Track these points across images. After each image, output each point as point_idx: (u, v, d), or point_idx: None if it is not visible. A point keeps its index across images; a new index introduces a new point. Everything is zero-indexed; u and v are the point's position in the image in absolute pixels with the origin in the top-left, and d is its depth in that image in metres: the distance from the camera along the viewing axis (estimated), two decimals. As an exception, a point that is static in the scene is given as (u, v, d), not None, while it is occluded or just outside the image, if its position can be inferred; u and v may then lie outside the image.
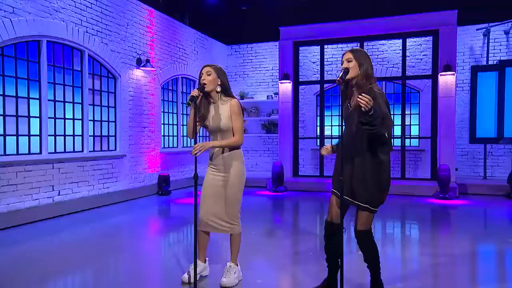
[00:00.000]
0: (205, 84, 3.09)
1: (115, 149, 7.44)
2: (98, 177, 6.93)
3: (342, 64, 2.77)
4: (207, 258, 3.51)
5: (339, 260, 2.74)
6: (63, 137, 6.39)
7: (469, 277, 3.77)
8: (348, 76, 2.72)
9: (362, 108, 2.38)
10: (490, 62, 9.34)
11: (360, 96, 2.38)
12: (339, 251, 2.73)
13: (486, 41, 9.46)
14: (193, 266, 3.13)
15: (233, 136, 3.16)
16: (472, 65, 9.35)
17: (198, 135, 3.45)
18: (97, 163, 6.91)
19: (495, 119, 8.73)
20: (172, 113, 9.31)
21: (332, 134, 10.62)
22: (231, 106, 3.13)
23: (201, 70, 3.16)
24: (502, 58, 9.32)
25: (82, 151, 6.71)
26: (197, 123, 3.21)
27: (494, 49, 9.53)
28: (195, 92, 3.00)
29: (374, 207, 2.73)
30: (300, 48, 9.92)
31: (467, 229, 5.61)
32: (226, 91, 3.19)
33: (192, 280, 3.18)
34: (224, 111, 3.14)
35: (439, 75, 8.60)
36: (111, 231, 5.54)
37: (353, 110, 2.74)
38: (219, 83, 3.15)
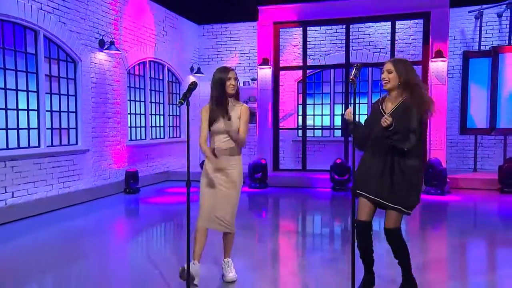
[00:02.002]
0: (232, 88, 3.44)
1: (77, 143, 7.12)
2: (57, 175, 6.62)
3: (352, 77, 2.89)
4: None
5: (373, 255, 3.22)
6: (16, 130, 6.04)
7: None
8: (387, 87, 3.08)
9: (384, 125, 2.90)
10: (482, 48, 9.45)
11: (384, 119, 2.89)
12: (371, 247, 3.20)
13: (478, 24, 9.56)
14: (193, 264, 3.37)
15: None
16: (464, 50, 9.44)
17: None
18: (56, 160, 6.59)
19: (487, 109, 8.87)
20: (140, 101, 8.99)
21: (315, 124, 10.58)
22: (242, 110, 3.49)
23: (227, 74, 3.43)
24: (494, 43, 9.46)
25: (39, 146, 6.37)
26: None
27: (486, 33, 9.65)
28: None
29: (407, 209, 3.05)
30: (281, 29, 9.75)
31: (466, 230, 5.68)
32: (237, 96, 3.54)
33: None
34: (236, 114, 3.47)
35: (430, 61, 8.64)
36: (73, 236, 5.34)
37: (396, 115, 3.01)
38: (237, 87, 3.51)
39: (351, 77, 2.74)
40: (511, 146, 9.43)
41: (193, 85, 3.16)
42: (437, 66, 8.62)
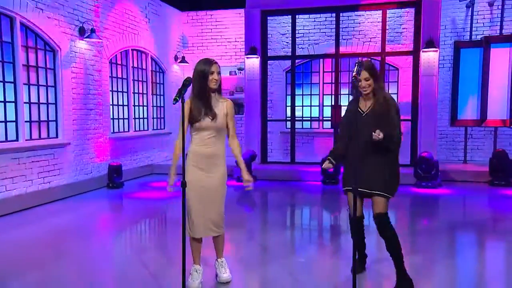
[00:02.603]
0: (215, 83, 3.31)
1: (57, 137, 6.95)
2: (37, 170, 6.46)
3: (355, 74, 3.14)
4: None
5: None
6: (-8, 123, 5.87)
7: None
8: (367, 92, 3.34)
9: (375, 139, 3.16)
10: (473, 38, 9.50)
11: (376, 135, 3.15)
12: (364, 236, 3.72)
13: (469, 13, 9.59)
14: (195, 271, 3.44)
15: (228, 135, 3.46)
16: (455, 40, 9.48)
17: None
18: (35, 154, 6.42)
19: (478, 100, 8.95)
20: (123, 92, 8.83)
21: (304, 116, 10.55)
22: (228, 106, 3.40)
23: (210, 67, 3.27)
24: (485, 33, 9.51)
25: (17, 140, 6.20)
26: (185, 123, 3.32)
27: (477, 23, 9.69)
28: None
29: (390, 194, 3.37)
30: (269, 18, 9.65)
31: (460, 225, 5.73)
32: (220, 89, 3.44)
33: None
34: (220, 110, 3.36)
35: (421, 51, 8.66)
36: (54, 233, 5.24)
37: (371, 114, 3.35)
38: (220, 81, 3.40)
39: (354, 74, 2.88)
40: (501, 138, 9.57)
41: (188, 81, 3.04)
42: (428, 56, 8.64)
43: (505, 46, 8.67)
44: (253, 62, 9.31)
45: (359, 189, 3.24)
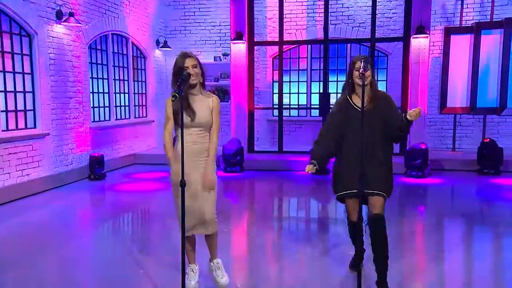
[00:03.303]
0: (193, 78, 3.16)
1: (35, 127, 6.76)
2: (15, 162, 6.28)
3: (356, 69, 3.20)
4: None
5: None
6: (-34, 114, 5.66)
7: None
8: (367, 83, 3.12)
9: (412, 119, 3.11)
10: (463, 24, 9.54)
11: (412, 113, 3.10)
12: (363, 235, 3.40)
13: (460, -2, 9.62)
14: (191, 270, 3.41)
15: (210, 133, 3.30)
16: (445, 26, 9.50)
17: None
18: (13, 146, 6.24)
19: (468, 87, 9.02)
20: (103, 78, 8.62)
21: (291, 103, 10.51)
22: (213, 102, 3.28)
23: (184, 62, 3.16)
24: (475, 18, 9.56)
25: (-7, 131, 6.01)
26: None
27: (467, 8, 9.73)
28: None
29: (388, 193, 3.31)
30: (255, 1, 9.51)
31: (453, 214, 5.80)
32: (203, 83, 3.32)
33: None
34: (205, 106, 3.25)
35: (411, 37, 8.66)
36: (34, 229, 5.14)
37: (370, 111, 3.20)
38: (202, 74, 3.26)
39: (361, 71, 2.84)
40: (490, 126, 9.71)
41: (186, 76, 2.96)
42: (419, 42, 8.66)
43: (496, 32, 8.72)
44: (239, 48, 9.18)
45: (359, 190, 3.06)
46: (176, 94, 2.75)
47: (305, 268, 3.93)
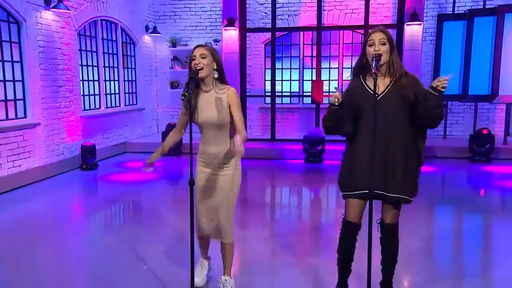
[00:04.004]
0: (201, 68, 2.87)
1: (25, 117, 6.67)
2: (6, 153, 6.20)
3: (369, 46, 2.72)
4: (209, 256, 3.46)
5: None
6: (-44, 104, 5.56)
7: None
8: (381, 61, 2.68)
9: (442, 89, 2.63)
10: (456, 10, 9.59)
11: (441, 81, 2.63)
12: (353, 253, 2.96)
13: (452, -15, 9.65)
14: (200, 266, 3.34)
15: (234, 129, 2.96)
16: (438, 13, 9.55)
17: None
18: (4, 136, 6.15)
19: (460, 75, 9.11)
20: (93, 66, 8.51)
21: (283, 90, 10.51)
22: (229, 96, 2.95)
23: (193, 52, 2.94)
24: (467, 5, 9.62)
25: (-17, 121, 5.92)
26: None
27: (460, -5, 9.79)
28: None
29: (412, 196, 2.84)
30: (247, -14, 9.44)
31: (449, 202, 5.91)
32: (222, 78, 3.02)
33: (200, 284, 3.28)
34: (220, 102, 2.93)
35: (405, 25, 8.70)
36: (27, 221, 5.13)
37: (386, 96, 2.74)
38: (215, 67, 2.95)
39: (373, 71, 2.56)
40: (480, 112, 9.85)
41: (195, 74, 2.79)
42: (412, 30, 8.70)
43: (489, 19, 8.79)
44: (231, 34, 9.13)
45: (377, 191, 2.76)
46: (185, 93, 2.60)
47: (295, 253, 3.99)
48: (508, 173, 7.52)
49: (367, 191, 2.75)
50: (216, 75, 2.94)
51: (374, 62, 2.59)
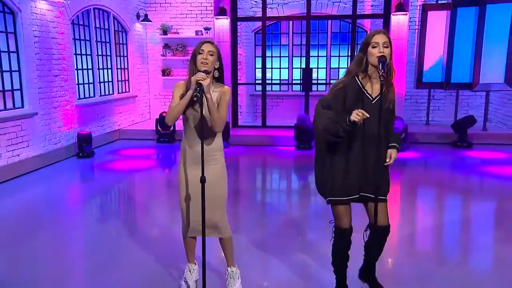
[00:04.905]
0: (207, 63, 2.79)
1: (23, 107, 6.58)
2: (5, 143, 6.13)
3: (372, 47, 2.64)
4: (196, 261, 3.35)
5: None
6: (-46, 96, 5.46)
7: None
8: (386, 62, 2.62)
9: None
10: (439, 1, 9.65)
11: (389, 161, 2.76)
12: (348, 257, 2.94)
13: (436, -25, 9.70)
14: (188, 270, 3.21)
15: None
16: (423, 3, 9.60)
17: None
18: (2, 126, 6.08)
19: (442, 63, 9.23)
20: (86, 55, 8.39)
21: (273, 77, 10.52)
22: (223, 93, 2.91)
23: (200, 46, 2.82)
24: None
25: (-18, 112, 5.83)
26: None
27: (443, -16, 9.83)
28: (200, 76, 2.63)
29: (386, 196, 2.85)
30: (237, -25, 9.34)
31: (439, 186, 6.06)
32: (221, 77, 2.96)
33: None
34: (214, 98, 2.86)
35: (391, 14, 8.74)
36: (28, 208, 5.15)
37: (377, 103, 2.69)
38: (217, 66, 2.90)
39: (381, 73, 2.53)
40: (461, 99, 10.02)
41: (205, 72, 2.72)
42: (398, 19, 8.74)
43: (471, 9, 8.89)
44: (223, 23, 9.06)
45: (362, 194, 2.78)
46: (198, 94, 2.58)
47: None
48: (488, 157, 7.71)
49: (357, 196, 2.78)
50: (216, 74, 2.89)
51: (380, 65, 2.55)
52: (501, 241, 4.19)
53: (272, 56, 10.43)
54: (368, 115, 2.52)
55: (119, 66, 9.61)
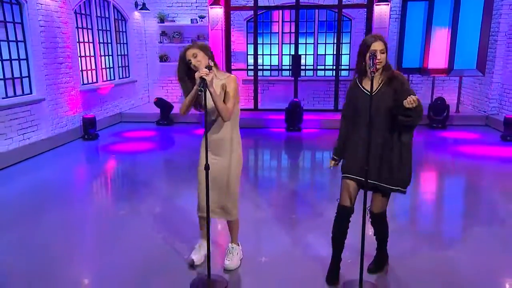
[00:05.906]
0: (199, 65, 2.83)
1: (31, 93, 6.57)
2: (16, 127, 6.15)
3: (369, 53, 2.70)
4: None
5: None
6: (-32, 84, 5.43)
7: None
8: (379, 67, 2.72)
9: (410, 106, 2.53)
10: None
11: (410, 100, 2.52)
12: (346, 234, 2.94)
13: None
14: (198, 246, 3.30)
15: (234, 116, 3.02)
16: (403, -6, 9.61)
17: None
18: (13, 112, 6.08)
19: (421, 50, 9.33)
20: (89, 42, 8.33)
21: (264, 63, 10.53)
22: (228, 82, 2.91)
23: (185, 55, 2.86)
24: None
25: (-5, 99, 5.81)
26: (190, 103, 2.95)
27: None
28: (203, 72, 2.66)
29: (405, 188, 2.85)
30: (230, -33, 9.25)
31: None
32: (215, 64, 2.97)
33: (197, 262, 3.25)
34: (219, 86, 2.89)
35: (374, 4, 8.77)
36: (38, 188, 5.20)
37: (382, 94, 2.76)
38: (209, 57, 2.90)
39: (371, 69, 2.59)
40: (436, 83, 10.17)
41: (208, 68, 2.75)
42: (381, 9, 8.79)
43: (447, 0, 8.93)
44: (217, 12, 9.01)
45: (369, 181, 2.78)
46: (202, 89, 2.61)
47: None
48: (461, 138, 7.91)
49: (361, 179, 2.81)
50: (211, 63, 2.88)
51: (371, 61, 2.63)
52: (470, 215, 4.38)
53: (263, 43, 10.42)
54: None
55: (119, 53, 9.55)
